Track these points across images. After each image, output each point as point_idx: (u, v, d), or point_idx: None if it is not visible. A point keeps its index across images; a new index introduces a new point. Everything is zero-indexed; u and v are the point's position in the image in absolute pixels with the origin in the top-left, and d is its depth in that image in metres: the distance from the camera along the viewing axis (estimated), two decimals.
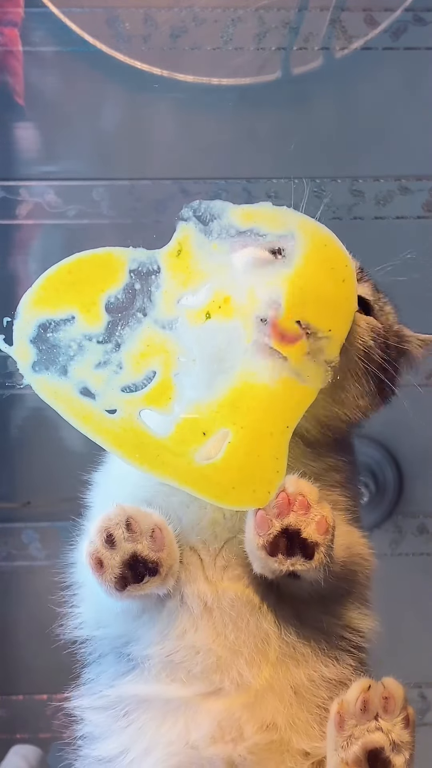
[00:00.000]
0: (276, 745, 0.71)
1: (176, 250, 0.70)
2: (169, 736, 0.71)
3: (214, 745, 0.70)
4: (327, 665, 0.74)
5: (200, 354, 0.71)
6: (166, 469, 0.69)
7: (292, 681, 0.72)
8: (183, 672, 0.71)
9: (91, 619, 0.78)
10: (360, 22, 1.29)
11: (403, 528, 1.34)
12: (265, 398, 0.70)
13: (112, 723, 0.73)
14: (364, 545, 0.79)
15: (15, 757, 1.24)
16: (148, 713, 0.72)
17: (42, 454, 1.28)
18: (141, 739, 0.72)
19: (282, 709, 0.71)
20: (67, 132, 1.30)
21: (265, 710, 0.71)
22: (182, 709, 0.71)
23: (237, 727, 0.70)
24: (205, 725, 0.70)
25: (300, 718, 0.72)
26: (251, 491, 0.69)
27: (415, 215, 1.32)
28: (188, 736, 0.70)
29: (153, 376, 0.70)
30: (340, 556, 0.72)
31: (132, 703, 0.73)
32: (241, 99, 1.30)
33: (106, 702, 0.74)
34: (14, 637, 1.32)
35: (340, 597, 0.76)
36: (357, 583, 0.77)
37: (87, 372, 0.70)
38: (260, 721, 0.71)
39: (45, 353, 0.70)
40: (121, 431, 0.70)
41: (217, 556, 0.74)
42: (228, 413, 0.69)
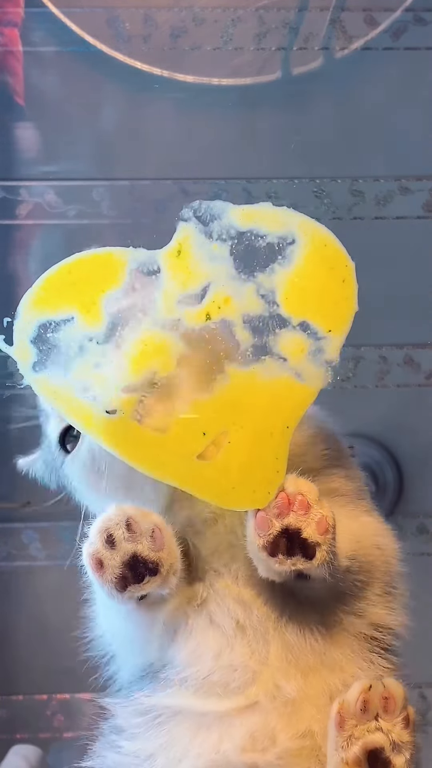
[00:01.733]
0: (307, 751, 0.71)
1: (176, 250, 0.70)
2: (202, 747, 0.71)
3: (244, 754, 0.70)
4: (362, 668, 0.74)
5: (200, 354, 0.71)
6: (166, 469, 0.70)
7: (327, 688, 0.73)
8: (220, 688, 0.72)
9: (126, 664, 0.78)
10: (360, 22, 1.29)
11: (403, 528, 1.34)
12: (265, 398, 0.70)
13: (146, 729, 0.74)
14: (380, 533, 0.79)
15: (15, 757, 1.24)
16: (182, 725, 0.72)
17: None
18: (172, 748, 0.72)
19: (318, 716, 0.71)
20: (67, 132, 1.30)
21: (300, 719, 0.71)
22: (217, 722, 0.71)
23: (271, 736, 0.70)
24: (238, 737, 0.70)
25: None
26: (251, 491, 0.69)
27: (415, 215, 1.32)
28: (220, 746, 0.70)
29: (153, 376, 0.70)
30: (348, 550, 0.72)
31: (166, 714, 0.73)
32: (241, 99, 1.30)
33: (140, 708, 0.75)
34: (14, 637, 1.32)
35: (359, 592, 0.75)
36: (375, 575, 0.77)
37: (87, 372, 0.70)
38: (295, 729, 0.71)
39: (45, 353, 0.70)
40: (121, 431, 0.70)
41: (237, 575, 0.74)
42: (228, 413, 0.69)
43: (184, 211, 0.70)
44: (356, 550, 0.74)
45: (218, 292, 0.70)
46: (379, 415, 1.35)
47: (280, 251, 0.70)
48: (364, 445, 1.35)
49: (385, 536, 0.80)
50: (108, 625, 0.79)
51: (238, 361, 0.70)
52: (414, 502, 1.36)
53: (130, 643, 0.77)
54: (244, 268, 0.70)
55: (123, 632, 0.77)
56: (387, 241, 1.30)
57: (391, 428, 1.34)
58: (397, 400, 1.34)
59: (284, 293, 0.70)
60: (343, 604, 0.74)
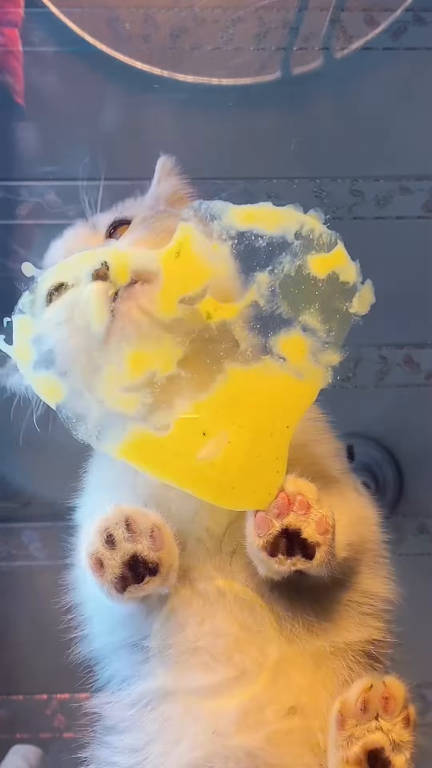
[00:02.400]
0: (297, 734, 0.71)
1: (176, 250, 0.70)
2: (196, 726, 0.71)
3: (239, 733, 0.70)
4: (349, 630, 0.74)
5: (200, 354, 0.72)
6: (166, 469, 0.70)
7: (314, 652, 0.73)
8: (206, 655, 0.72)
9: (102, 631, 0.78)
10: (360, 22, 1.29)
11: (403, 528, 1.34)
12: (265, 398, 0.70)
13: (138, 718, 0.74)
14: (364, 507, 0.79)
15: (15, 757, 1.24)
16: (174, 705, 0.72)
17: (42, 454, 1.28)
18: (168, 731, 0.72)
19: (305, 685, 0.72)
20: (67, 132, 1.30)
21: (288, 689, 0.71)
22: (208, 696, 0.71)
23: (259, 708, 0.70)
24: (230, 711, 0.70)
25: (323, 699, 0.72)
26: (251, 492, 0.69)
27: (415, 215, 1.31)
28: (215, 723, 0.71)
29: (153, 376, 0.70)
30: (345, 539, 0.73)
31: (157, 697, 0.73)
32: (241, 99, 1.30)
33: (130, 699, 0.74)
34: (14, 637, 1.32)
35: (351, 569, 0.76)
36: (366, 549, 0.77)
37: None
38: (284, 701, 0.71)
39: (46, 353, 0.70)
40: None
41: (221, 541, 0.74)
42: (228, 413, 0.69)
43: (184, 211, 0.70)
44: (350, 535, 0.74)
45: (218, 292, 0.70)
46: (379, 415, 1.35)
47: (280, 251, 0.70)
48: (364, 445, 1.35)
49: (369, 507, 0.80)
50: (89, 596, 0.78)
51: (238, 361, 0.70)
52: (414, 502, 1.36)
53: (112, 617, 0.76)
54: (244, 268, 0.70)
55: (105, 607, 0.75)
56: (387, 241, 1.30)
57: (391, 428, 1.34)
58: (397, 400, 1.34)
59: (284, 293, 0.70)
60: (336, 578, 0.74)
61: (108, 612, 0.75)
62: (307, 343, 0.70)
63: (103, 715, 0.76)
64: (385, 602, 0.78)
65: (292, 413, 0.71)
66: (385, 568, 0.79)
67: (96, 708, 0.77)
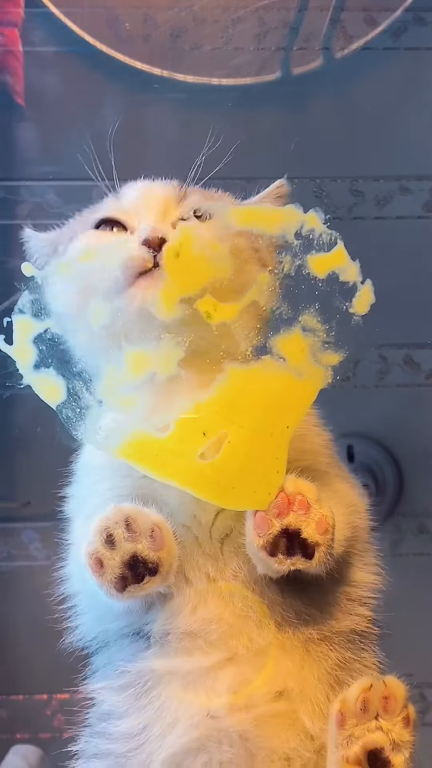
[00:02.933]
0: (283, 717, 0.71)
1: (176, 250, 0.70)
2: (192, 707, 0.71)
3: (230, 715, 0.70)
4: (337, 619, 0.75)
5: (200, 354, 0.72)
6: (166, 469, 0.69)
7: (303, 638, 0.73)
8: (202, 640, 0.72)
9: (94, 624, 0.78)
10: (360, 22, 1.29)
11: (403, 528, 1.34)
12: (265, 398, 0.70)
13: (134, 701, 0.74)
14: (353, 494, 0.80)
15: (15, 757, 1.24)
16: (170, 686, 0.72)
17: (42, 454, 1.28)
18: (164, 713, 0.72)
19: (294, 670, 0.72)
20: (67, 132, 1.30)
21: (277, 673, 0.72)
22: (202, 678, 0.72)
23: (249, 692, 0.71)
24: (223, 692, 0.71)
25: (309, 682, 0.72)
26: (252, 491, 0.69)
27: (415, 215, 1.32)
28: (209, 704, 0.71)
29: (153, 376, 0.70)
30: (342, 534, 0.73)
31: (153, 678, 0.73)
32: (241, 99, 1.30)
33: (126, 681, 0.74)
34: (14, 637, 1.32)
35: (345, 562, 0.76)
36: (357, 538, 0.78)
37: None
38: (272, 684, 0.71)
39: (46, 353, 0.70)
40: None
41: (211, 528, 0.74)
42: (228, 413, 0.69)
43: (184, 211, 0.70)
44: (346, 530, 0.75)
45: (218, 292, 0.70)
46: (379, 415, 1.35)
47: (280, 251, 0.70)
48: (364, 445, 1.35)
49: (357, 494, 0.80)
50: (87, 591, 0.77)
51: (238, 361, 0.70)
52: (414, 502, 1.36)
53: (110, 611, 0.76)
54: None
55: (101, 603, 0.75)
56: (387, 241, 1.30)
57: (391, 428, 1.34)
58: (397, 400, 1.34)
59: (284, 293, 0.70)
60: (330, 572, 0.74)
61: (105, 606, 0.75)
62: (307, 343, 0.70)
63: (97, 700, 0.76)
64: (372, 590, 0.78)
65: (292, 413, 0.70)
66: (372, 555, 0.79)
67: (91, 693, 0.77)
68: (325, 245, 0.70)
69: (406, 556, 1.33)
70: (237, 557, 0.73)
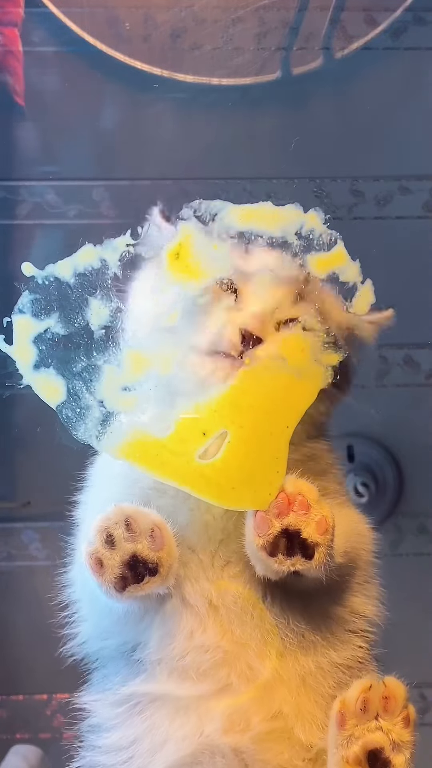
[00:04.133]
0: (278, 733, 0.71)
1: (176, 250, 0.70)
2: (184, 730, 0.71)
3: (226, 736, 0.70)
4: (336, 649, 0.75)
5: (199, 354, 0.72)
6: (166, 469, 0.69)
7: (300, 669, 0.73)
8: (193, 671, 0.72)
9: (95, 633, 0.78)
10: (360, 22, 1.29)
11: (403, 528, 1.34)
12: (265, 398, 0.70)
13: (126, 716, 0.74)
14: (360, 522, 0.80)
15: (15, 757, 1.24)
16: (161, 710, 0.73)
17: (42, 454, 1.28)
18: (155, 732, 0.72)
19: (289, 698, 0.72)
20: (67, 132, 1.30)
21: (272, 700, 0.72)
22: (194, 704, 0.72)
23: (245, 718, 0.71)
24: (217, 718, 0.71)
25: (306, 706, 0.73)
26: (252, 492, 0.69)
27: (415, 215, 1.31)
28: (202, 728, 0.71)
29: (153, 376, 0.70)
30: (342, 547, 0.73)
31: (145, 700, 0.73)
32: (241, 99, 1.30)
33: (118, 699, 0.75)
34: (14, 637, 1.32)
35: (343, 584, 0.76)
36: (359, 566, 0.77)
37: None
38: (267, 710, 0.71)
39: (46, 353, 0.70)
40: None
41: (214, 555, 0.74)
42: (228, 413, 0.69)
43: (184, 211, 0.70)
44: (346, 545, 0.74)
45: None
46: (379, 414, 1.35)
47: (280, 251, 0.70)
48: (364, 445, 1.34)
49: (364, 524, 0.80)
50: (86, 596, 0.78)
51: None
52: (414, 502, 1.36)
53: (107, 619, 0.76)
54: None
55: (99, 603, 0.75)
56: (387, 241, 1.30)
57: (391, 428, 1.34)
58: (397, 400, 1.34)
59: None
60: (327, 593, 0.74)
61: (103, 614, 0.75)
62: (307, 343, 0.70)
63: (90, 711, 0.76)
64: (371, 624, 0.78)
65: (291, 413, 0.70)
66: (374, 590, 0.79)
67: (85, 704, 0.77)
68: (325, 245, 0.70)
69: (406, 556, 1.33)
70: (240, 580, 0.73)
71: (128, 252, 0.71)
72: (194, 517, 0.74)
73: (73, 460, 0.83)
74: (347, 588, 0.76)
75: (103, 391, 0.70)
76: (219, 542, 0.74)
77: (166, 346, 0.70)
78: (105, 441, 0.69)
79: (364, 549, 0.78)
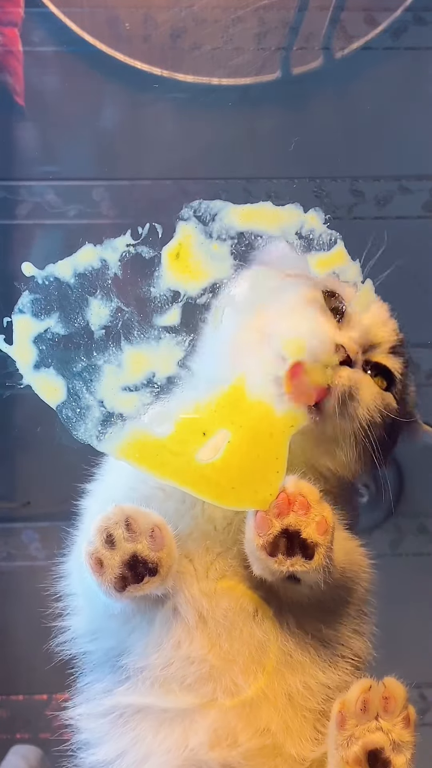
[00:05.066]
0: (269, 749, 0.71)
1: (176, 250, 0.70)
2: (168, 743, 0.71)
3: (212, 750, 0.70)
4: (324, 671, 0.74)
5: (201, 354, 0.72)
6: (166, 469, 0.69)
7: (286, 688, 0.73)
8: (176, 683, 0.71)
9: (85, 630, 0.78)
10: (360, 22, 1.29)
11: (403, 528, 1.34)
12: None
13: (110, 729, 0.74)
14: (363, 555, 0.79)
15: (15, 757, 1.24)
16: (145, 722, 0.72)
17: (42, 454, 1.28)
18: (139, 744, 0.72)
19: (276, 716, 0.72)
20: (67, 132, 1.30)
21: (258, 717, 0.71)
22: (179, 718, 0.71)
23: (232, 734, 0.70)
24: (201, 732, 0.70)
25: (294, 723, 0.72)
26: (252, 492, 0.69)
27: (415, 215, 1.31)
28: (186, 742, 0.71)
29: (153, 376, 0.70)
30: (340, 560, 0.72)
31: (129, 711, 0.73)
32: (241, 99, 1.30)
33: (103, 709, 0.74)
34: (14, 637, 1.32)
35: (338, 607, 0.75)
36: (356, 592, 0.77)
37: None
38: (254, 727, 0.71)
39: (46, 353, 0.70)
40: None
41: (209, 567, 0.74)
42: (228, 413, 0.69)
43: (184, 211, 0.70)
44: (346, 564, 0.74)
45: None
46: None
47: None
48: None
49: (363, 554, 0.79)
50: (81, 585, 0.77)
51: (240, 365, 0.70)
52: (414, 502, 1.36)
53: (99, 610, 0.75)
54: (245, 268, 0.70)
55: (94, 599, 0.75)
56: (387, 241, 1.30)
57: None
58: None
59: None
60: (320, 613, 0.74)
61: (96, 610, 0.75)
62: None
63: (78, 728, 0.76)
64: (360, 658, 0.77)
65: (292, 413, 0.70)
66: (367, 627, 0.78)
67: (72, 720, 0.77)
68: (325, 245, 0.70)
69: (406, 556, 1.33)
70: (229, 597, 0.73)
71: (128, 252, 0.71)
72: (196, 524, 0.74)
73: (73, 460, 0.83)
74: (340, 613, 0.76)
75: (103, 391, 0.70)
76: (216, 555, 0.74)
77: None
78: (105, 441, 0.69)
79: (361, 583, 0.77)
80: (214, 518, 0.74)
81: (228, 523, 0.73)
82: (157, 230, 0.70)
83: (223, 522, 0.73)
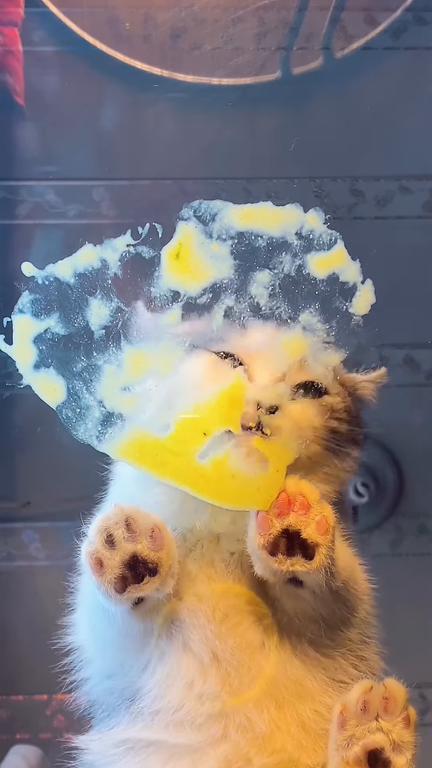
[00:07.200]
0: (285, 764, 0.71)
1: (176, 250, 0.70)
2: None
3: None
4: (331, 696, 0.74)
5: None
6: (166, 468, 0.70)
7: (298, 718, 0.73)
8: (189, 723, 0.71)
9: (98, 678, 0.78)
10: (360, 22, 1.29)
11: (403, 528, 1.34)
12: None
13: (120, 758, 0.74)
14: (365, 580, 0.79)
15: (15, 757, 1.24)
16: (155, 755, 0.72)
17: (42, 454, 1.28)
18: None
19: (290, 740, 0.72)
20: (67, 132, 1.30)
21: (273, 744, 0.71)
22: (189, 753, 0.71)
23: (246, 759, 0.71)
24: (211, 761, 0.71)
25: (308, 742, 0.72)
26: (254, 491, 0.69)
27: (415, 215, 1.32)
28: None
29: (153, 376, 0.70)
30: (342, 567, 0.72)
31: (139, 745, 0.73)
32: (241, 99, 1.30)
33: (114, 741, 0.75)
34: (14, 637, 1.32)
35: (343, 625, 0.75)
36: (358, 609, 0.77)
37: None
38: (268, 750, 0.71)
39: (46, 353, 0.70)
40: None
41: (214, 609, 0.74)
42: (228, 413, 0.69)
43: (184, 211, 0.70)
44: (347, 574, 0.74)
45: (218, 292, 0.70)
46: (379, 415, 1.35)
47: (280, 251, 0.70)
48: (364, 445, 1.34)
49: (365, 579, 0.79)
50: (91, 632, 0.78)
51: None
52: (414, 502, 1.36)
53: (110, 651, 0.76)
54: (244, 268, 0.70)
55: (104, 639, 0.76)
56: (387, 241, 1.30)
57: (391, 428, 1.34)
58: (397, 400, 1.34)
59: (284, 293, 0.70)
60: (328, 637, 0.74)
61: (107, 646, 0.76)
62: (307, 342, 0.69)
63: (85, 750, 0.76)
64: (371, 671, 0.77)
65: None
66: (369, 651, 0.78)
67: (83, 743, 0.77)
68: (325, 245, 0.70)
69: (406, 556, 1.33)
70: (235, 634, 0.73)
71: (128, 252, 0.71)
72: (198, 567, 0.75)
73: (73, 460, 0.83)
74: (346, 639, 0.76)
75: (103, 391, 0.70)
76: (220, 595, 0.74)
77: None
78: (105, 441, 0.69)
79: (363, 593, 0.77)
80: (228, 551, 0.75)
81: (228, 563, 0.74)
82: (157, 230, 0.70)
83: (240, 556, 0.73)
